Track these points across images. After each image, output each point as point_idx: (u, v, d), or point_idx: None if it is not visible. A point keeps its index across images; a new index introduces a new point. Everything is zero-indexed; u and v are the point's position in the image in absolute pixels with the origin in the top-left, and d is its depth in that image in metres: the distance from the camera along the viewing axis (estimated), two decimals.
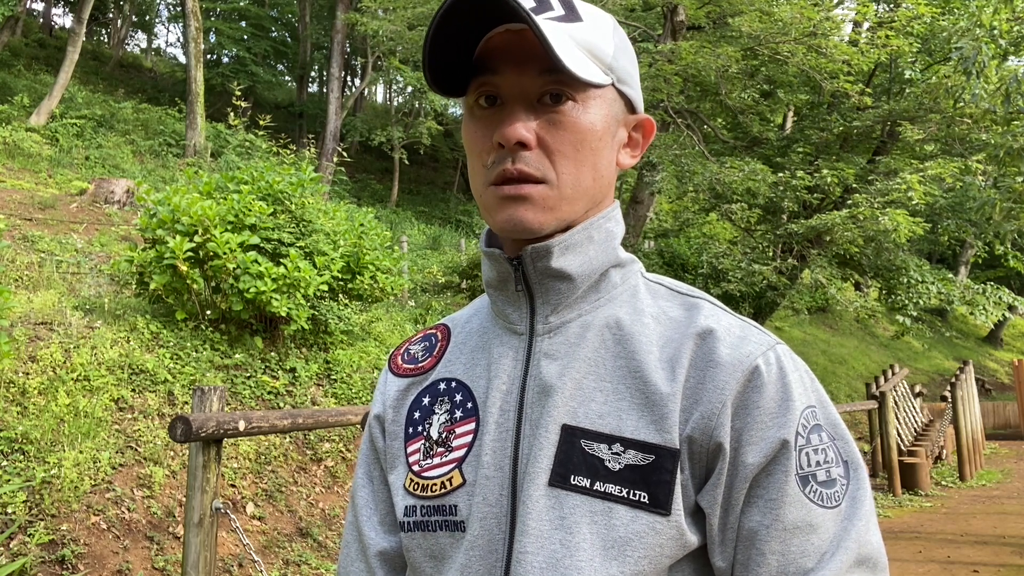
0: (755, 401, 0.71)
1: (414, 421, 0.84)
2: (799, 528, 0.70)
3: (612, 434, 0.72)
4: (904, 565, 5.87)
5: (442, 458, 0.79)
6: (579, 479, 0.71)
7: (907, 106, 11.84)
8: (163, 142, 16.21)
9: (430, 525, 0.78)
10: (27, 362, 4.94)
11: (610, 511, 0.70)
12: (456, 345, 0.86)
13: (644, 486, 0.70)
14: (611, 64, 0.76)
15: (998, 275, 20.93)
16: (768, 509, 0.70)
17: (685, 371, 0.73)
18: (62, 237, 9.16)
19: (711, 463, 0.72)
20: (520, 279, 0.78)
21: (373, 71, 23.08)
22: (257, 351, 6.27)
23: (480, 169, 0.76)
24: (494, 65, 0.74)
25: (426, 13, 13.61)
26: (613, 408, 0.73)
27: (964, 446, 10.96)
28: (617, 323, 0.77)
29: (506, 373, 0.79)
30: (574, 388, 0.75)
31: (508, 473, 0.75)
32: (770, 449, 0.71)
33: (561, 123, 0.73)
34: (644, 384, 0.73)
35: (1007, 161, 9.56)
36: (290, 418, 3.69)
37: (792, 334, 18.70)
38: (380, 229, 7.63)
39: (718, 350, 0.73)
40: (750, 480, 0.71)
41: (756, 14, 11.71)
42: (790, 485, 0.70)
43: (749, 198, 11.67)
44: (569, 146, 0.74)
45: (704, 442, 0.71)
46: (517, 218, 0.73)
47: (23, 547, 3.78)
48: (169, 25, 37.72)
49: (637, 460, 0.71)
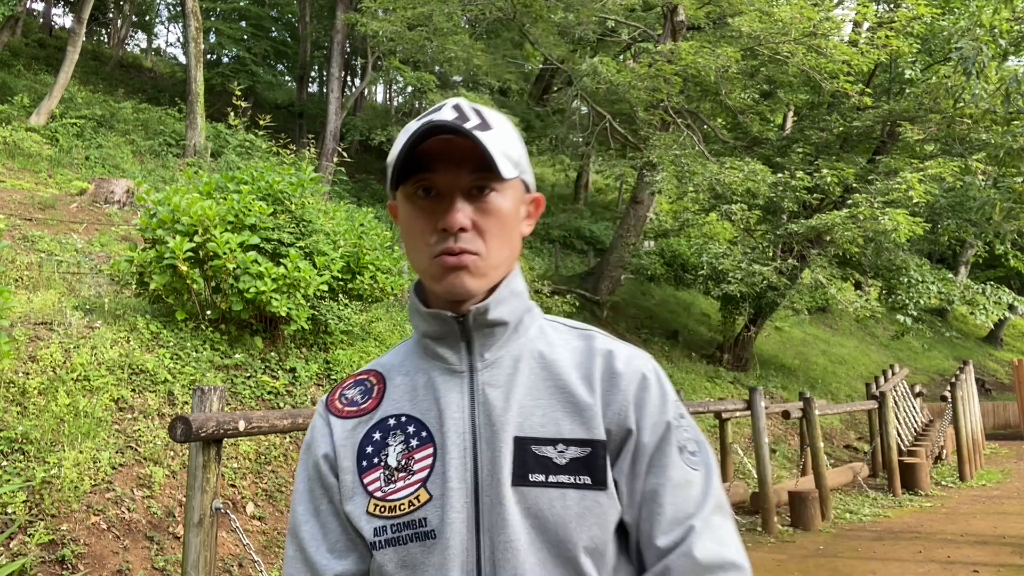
0: (646, 398, 0.97)
1: (367, 455, 0.98)
2: (681, 485, 0.94)
3: (555, 437, 0.94)
4: (904, 565, 5.87)
5: (405, 481, 0.94)
6: (536, 476, 0.92)
7: (907, 106, 11.84)
8: (163, 142, 16.20)
9: (401, 539, 0.92)
10: (27, 362, 4.94)
11: (564, 495, 0.91)
12: (395, 387, 1.02)
13: (586, 472, 0.92)
14: (516, 160, 0.97)
15: (998, 275, 20.93)
16: (661, 472, 0.94)
17: (599, 383, 0.97)
18: (62, 237, 9.16)
19: (622, 446, 0.95)
20: (461, 331, 0.98)
21: (373, 71, 23.06)
22: (257, 351, 6.27)
23: (423, 247, 0.95)
24: (432, 165, 0.94)
25: (426, 13, 13.62)
26: (551, 418, 0.95)
27: (964, 446, 10.96)
28: (540, 354, 1.00)
29: (455, 404, 0.96)
30: (517, 407, 0.95)
31: (471, 484, 0.92)
32: (660, 430, 0.96)
33: (488, 210, 0.95)
34: (571, 396, 0.96)
35: (1007, 161, 9.57)
36: (290, 418, 3.69)
37: (792, 334, 18.69)
38: (380, 229, 7.62)
39: (617, 366, 0.98)
40: (648, 455, 0.95)
41: (756, 14, 11.71)
42: (673, 454, 0.96)
43: (749, 198, 11.67)
44: (495, 226, 0.95)
45: (618, 431, 0.95)
46: (459, 284, 0.93)
47: (23, 547, 3.78)
48: (169, 25, 37.73)
49: (577, 453, 0.93)
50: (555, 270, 17.74)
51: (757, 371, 14.23)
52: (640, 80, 12.18)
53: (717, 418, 8.89)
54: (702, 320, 17.16)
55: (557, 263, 18.56)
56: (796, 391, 12.57)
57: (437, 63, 16.41)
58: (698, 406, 7.83)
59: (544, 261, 18.08)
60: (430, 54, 14.75)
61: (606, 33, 16.08)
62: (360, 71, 26.37)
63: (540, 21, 13.83)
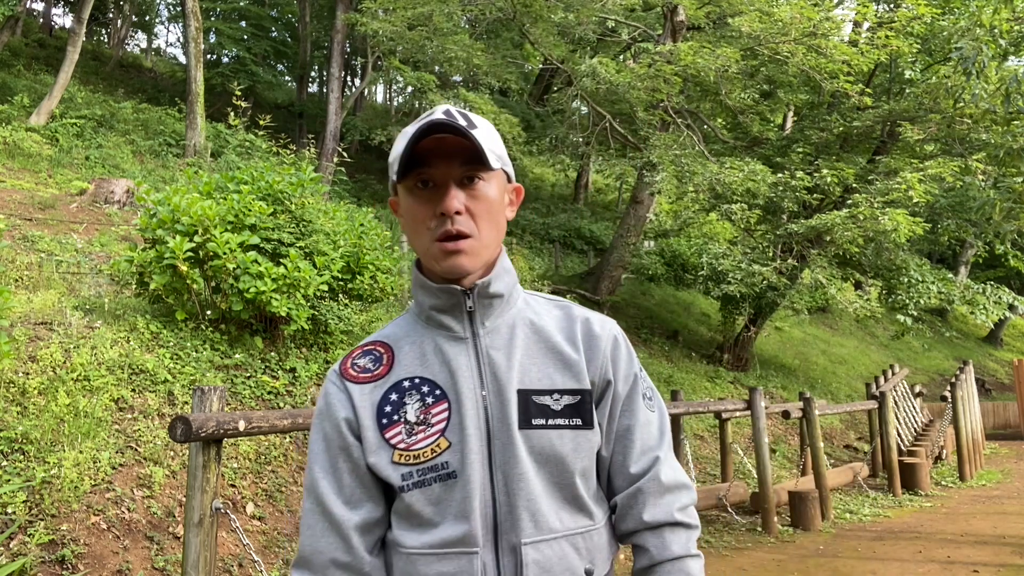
0: (619, 355, 1.21)
1: (386, 414, 1.14)
2: (645, 424, 1.20)
3: (551, 388, 1.14)
4: (904, 565, 5.87)
5: (425, 433, 1.11)
6: (537, 420, 1.12)
7: (907, 106, 11.83)
8: (163, 142, 16.20)
9: (426, 481, 1.10)
10: (27, 362, 4.94)
11: (561, 435, 1.12)
12: (403, 354, 1.18)
13: (577, 415, 1.14)
14: (500, 154, 1.15)
15: (998, 275, 20.94)
16: (631, 415, 1.20)
17: (581, 343, 1.19)
18: (62, 237, 9.16)
19: (602, 394, 1.19)
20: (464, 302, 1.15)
21: (373, 71, 23.06)
22: (257, 351, 6.27)
23: (424, 231, 1.12)
24: (428, 160, 1.10)
25: (426, 13, 13.61)
26: (545, 373, 1.16)
27: (964, 446, 10.96)
28: (530, 322, 1.20)
29: (464, 365, 1.14)
30: (518, 365, 1.15)
31: (483, 430, 1.11)
32: (630, 381, 1.21)
33: (478, 196, 1.12)
34: (561, 355, 1.17)
35: (1007, 161, 9.56)
36: (290, 418, 3.69)
37: (792, 334, 18.69)
38: (380, 229, 7.62)
39: (595, 329, 1.21)
40: (621, 400, 1.20)
41: (756, 14, 11.71)
42: (639, 400, 1.21)
43: (749, 198, 11.66)
44: (484, 210, 1.12)
45: (600, 382, 1.19)
46: (458, 264, 1.11)
47: (23, 547, 3.78)
48: (169, 25, 37.71)
49: (570, 400, 1.14)
50: (555, 270, 17.73)
51: (757, 371, 14.23)
52: (640, 80, 12.18)
53: (717, 418, 8.88)
54: (702, 320, 17.16)
55: (557, 263, 18.56)
56: (796, 391, 12.57)
57: (437, 63, 16.40)
58: (698, 406, 7.83)
59: (544, 261, 18.08)
60: (430, 54, 14.75)
61: (606, 33, 16.08)
62: (360, 71, 26.37)
63: (540, 21, 13.83)
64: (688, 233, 16.47)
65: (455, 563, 1.07)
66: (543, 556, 1.07)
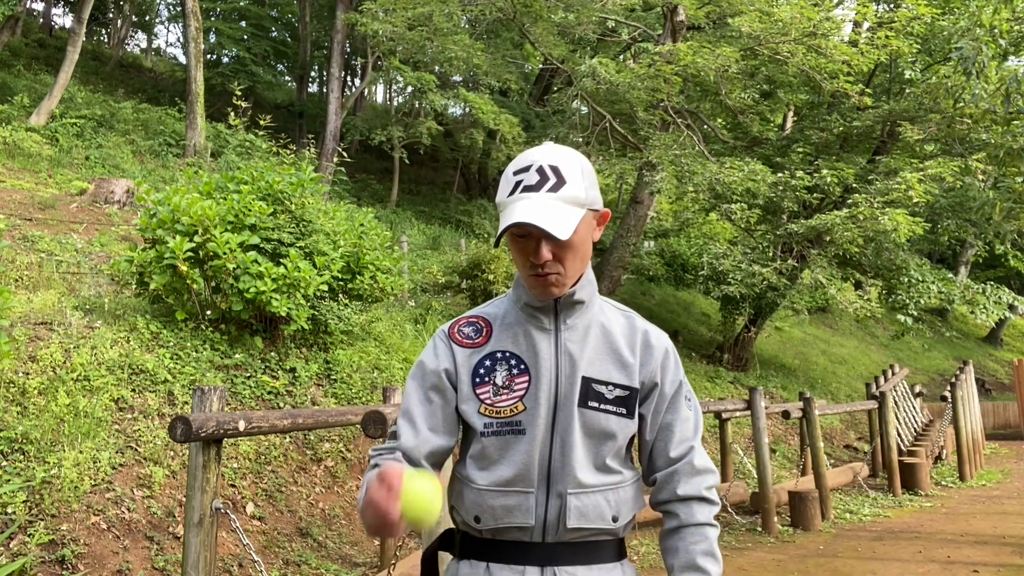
0: (667, 364, 1.48)
1: (479, 375, 1.43)
2: (685, 419, 1.47)
3: (608, 380, 1.42)
4: (904, 565, 5.87)
5: (508, 395, 1.40)
6: (592, 403, 1.40)
7: (907, 106, 11.83)
8: (163, 142, 16.20)
9: (502, 432, 1.39)
10: (27, 362, 4.94)
11: (608, 418, 1.41)
12: (499, 331, 1.47)
13: (624, 406, 1.42)
14: (584, 200, 1.35)
15: (998, 275, 20.92)
16: (674, 412, 1.47)
17: (639, 350, 1.47)
18: (62, 237, 9.16)
19: (649, 393, 1.47)
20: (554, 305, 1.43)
21: (373, 71, 23.06)
22: (257, 351, 6.27)
23: (523, 268, 1.39)
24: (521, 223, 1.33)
25: (426, 13, 13.61)
26: (606, 368, 1.43)
27: (964, 446, 10.96)
28: (602, 325, 1.47)
29: (546, 350, 1.42)
30: (587, 358, 1.42)
31: (551, 402, 1.39)
32: (675, 385, 1.48)
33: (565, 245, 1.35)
34: (620, 357, 1.45)
35: (1007, 161, 9.55)
36: (290, 418, 3.69)
37: (792, 334, 18.69)
38: (380, 229, 7.62)
39: (651, 340, 1.48)
40: (667, 400, 1.47)
41: (756, 14, 11.70)
42: (682, 401, 1.48)
43: (749, 198, 11.66)
44: (570, 254, 1.37)
45: (649, 383, 1.46)
46: (548, 293, 1.39)
47: (23, 547, 3.78)
48: (169, 25, 37.66)
49: (620, 393, 1.42)
50: None
51: (757, 371, 14.23)
52: (640, 80, 12.18)
53: (717, 418, 8.88)
54: (702, 320, 17.16)
55: None
56: (796, 391, 12.57)
57: (437, 63, 16.40)
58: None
59: None
60: (430, 54, 14.75)
61: (606, 33, 16.08)
62: (360, 71, 26.36)
63: (540, 21, 13.82)
64: (688, 233, 16.48)
65: (515, 499, 1.38)
66: (581, 503, 1.38)
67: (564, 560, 1.38)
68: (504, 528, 1.38)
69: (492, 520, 1.38)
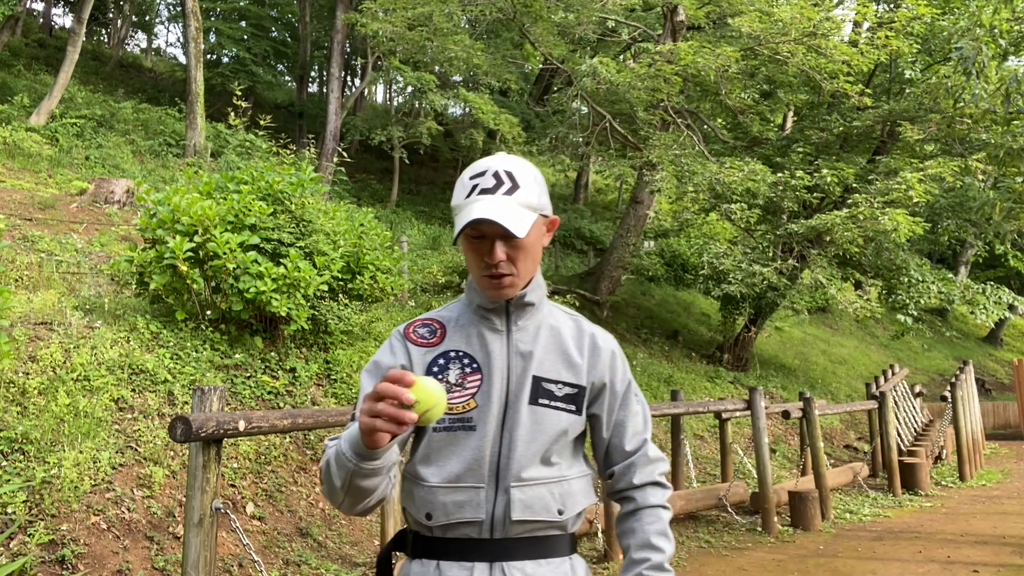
0: (615, 365, 1.55)
1: (433, 372, 1.46)
2: (635, 415, 1.56)
3: (557, 379, 1.48)
4: (904, 565, 5.87)
5: (460, 393, 1.44)
6: (543, 400, 1.46)
7: (907, 106, 11.82)
8: (163, 142, 16.20)
9: (453, 428, 1.42)
10: (27, 362, 4.94)
11: (558, 415, 1.46)
12: (453, 332, 1.51)
13: (572, 403, 1.48)
14: (536, 204, 1.43)
15: (998, 275, 20.93)
16: (626, 408, 1.55)
17: (586, 352, 1.53)
18: (62, 237, 9.16)
19: (600, 393, 1.53)
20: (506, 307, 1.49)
21: (373, 71, 23.05)
22: (257, 351, 6.27)
23: (476, 268, 1.45)
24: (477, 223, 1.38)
25: (426, 13, 13.60)
26: (555, 368, 1.49)
27: (964, 446, 10.96)
28: (551, 327, 1.53)
29: (498, 350, 1.47)
30: (537, 358, 1.48)
31: (502, 400, 1.44)
32: (624, 384, 1.56)
33: (518, 246, 1.42)
34: (569, 357, 1.51)
35: (1007, 161, 9.55)
36: (290, 418, 3.69)
37: (792, 334, 18.69)
38: (380, 229, 7.62)
39: (597, 342, 1.55)
40: (619, 398, 1.55)
41: (756, 14, 11.70)
42: (632, 398, 1.57)
43: (749, 198, 11.65)
44: (522, 256, 1.43)
45: (598, 384, 1.52)
46: (501, 295, 1.45)
47: (23, 547, 3.78)
48: (169, 25, 37.68)
49: (569, 391, 1.48)
50: (555, 270, 17.73)
51: (757, 371, 14.23)
52: (640, 80, 12.17)
53: (717, 418, 8.88)
54: (702, 320, 17.16)
55: (557, 263, 18.56)
56: (796, 391, 12.57)
57: (437, 63, 16.40)
58: (698, 406, 7.83)
59: (544, 261, 18.03)
60: (430, 54, 14.74)
61: (606, 33, 16.08)
62: (360, 71, 26.35)
63: (540, 21, 13.82)
64: (688, 233, 16.45)
65: (466, 494, 1.41)
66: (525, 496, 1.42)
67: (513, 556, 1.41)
68: (455, 524, 1.41)
69: (443, 516, 1.40)
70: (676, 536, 6.92)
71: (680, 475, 7.92)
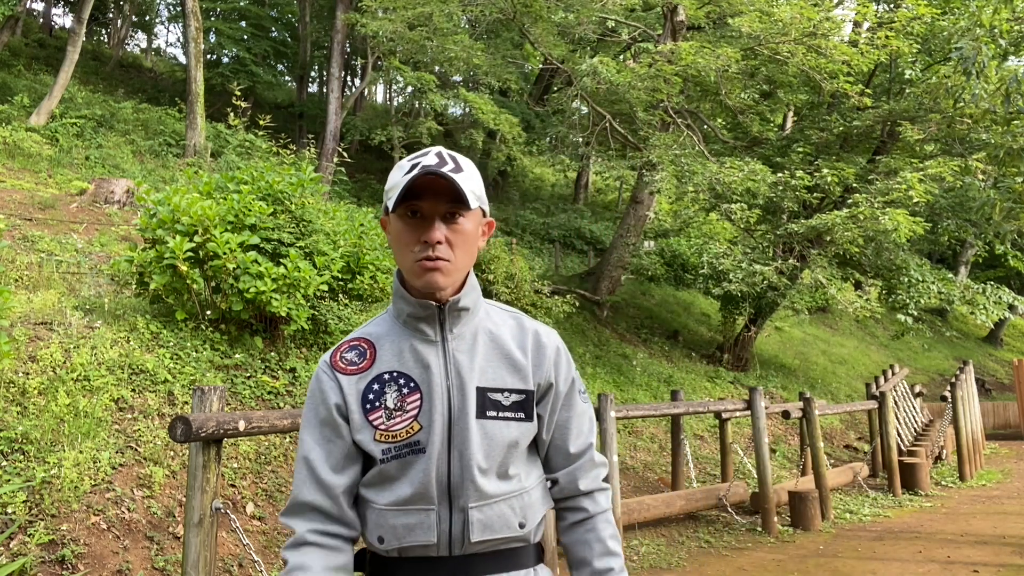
0: (559, 362, 1.47)
1: (369, 400, 1.38)
2: (581, 415, 1.50)
3: (502, 387, 1.40)
4: (904, 565, 5.87)
5: (401, 417, 1.36)
6: (490, 412, 1.38)
7: (907, 106, 11.82)
8: (163, 142, 16.20)
9: (402, 454, 1.35)
10: (27, 362, 4.94)
11: (508, 425, 1.39)
12: (384, 351, 1.42)
13: (521, 410, 1.41)
14: (479, 195, 1.39)
15: (998, 275, 20.92)
16: (570, 408, 1.49)
17: (530, 352, 1.45)
18: (62, 237, 9.15)
19: (545, 393, 1.45)
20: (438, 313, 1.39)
21: (373, 71, 23.04)
22: (257, 351, 6.27)
23: (409, 253, 1.35)
24: (420, 195, 1.33)
25: (426, 13, 13.61)
26: (499, 375, 1.41)
27: (964, 446, 10.96)
28: (489, 331, 1.45)
29: (435, 363, 1.38)
30: (478, 367, 1.40)
31: (446, 417, 1.36)
32: (569, 381, 1.49)
33: (457, 230, 1.35)
34: (512, 361, 1.43)
35: (1007, 161, 9.56)
36: (290, 418, 3.69)
37: (792, 334, 18.69)
38: (380, 229, 7.61)
39: (541, 339, 1.47)
40: (562, 397, 1.47)
41: (756, 14, 11.69)
42: (576, 396, 1.50)
43: (749, 198, 11.65)
44: (461, 242, 1.36)
45: (544, 384, 1.45)
46: (434, 281, 1.34)
47: (23, 547, 3.78)
48: (169, 25, 37.67)
49: (517, 399, 1.41)
50: (555, 270, 17.73)
51: (757, 371, 14.22)
52: (640, 80, 12.17)
53: (717, 418, 8.88)
54: (702, 320, 17.16)
55: (557, 263, 18.56)
56: (796, 391, 12.57)
57: (437, 63, 16.40)
58: (698, 406, 7.83)
59: (544, 261, 18.08)
60: (430, 54, 14.74)
61: (606, 33, 16.07)
62: (360, 71, 26.34)
63: (540, 21, 13.81)
64: (688, 233, 16.46)
65: (416, 516, 1.35)
66: (484, 515, 1.36)
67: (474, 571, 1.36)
68: (408, 546, 1.35)
69: (395, 539, 1.36)
70: (676, 536, 6.93)
71: (680, 475, 7.92)
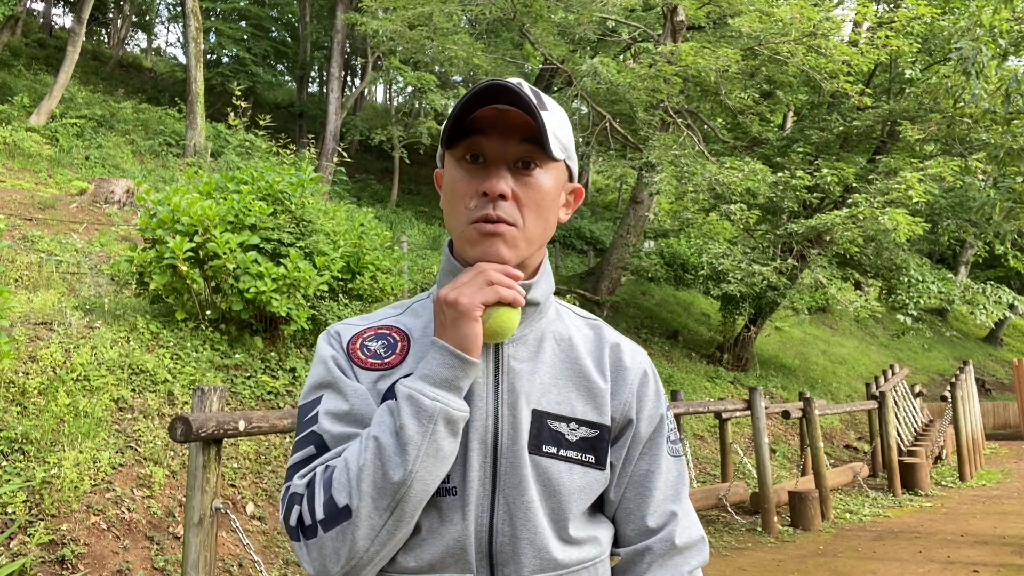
0: (646, 392, 1.08)
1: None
2: (667, 471, 1.08)
3: (569, 416, 1.02)
4: (904, 565, 5.87)
5: None
6: (548, 448, 0.99)
7: (907, 106, 11.83)
8: (163, 142, 16.20)
9: None
10: (27, 362, 4.94)
11: (572, 469, 1.00)
12: (418, 347, 1.04)
13: (591, 452, 1.02)
14: (565, 144, 1.01)
15: (998, 275, 20.91)
16: (653, 460, 1.07)
17: (609, 373, 1.06)
18: (62, 237, 9.15)
19: (621, 432, 1.06)
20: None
21: (373, 71, 23.05)
22: (257, 351, 6.27)
23: (462, 210, 0.99)
24: (485, 131, 0.97)
25: (426, 13, 13.61)
26: (566, 398, 1.03)
27: (964, 446, 10.96)
28: (560, 337, 1.07)
29: (481, 373, 1.00)
30: (539, 383, 1.02)
31: (490, 445, 0.98)
32: (654, 423, 1.08)
33: (530, 184, 0.98)
34: (587, 381, 1.05)
35: (1007, 161, 9.56)
36: (290, 418, 3.69)
37: (792, 334, 18.69)
38: (380, 229, 7.62)
39: (624, 359, 1.08)
40: (642, 442, 1.07)
41: (756, 14, 11.70)
42: (663, 444, 1.09)
43: (749, 198, 11.66)
44: (534, 201, 0.98)
45: (621, 419, 1.06)
46: (493, 251, 0.97)
47: (23, 547, 3.78)
48: (169, 25, 37.71)
49: (587, 434, 1.02)
50: (555, 270, 17.74)
51: (757, 371, 14.23)
52: (640, 80, 12.17)
53: (717, 418, 8.88)
54: (702, 320, 17.16)
55: (557, 263, 18.56)
56: (796, 391, 12.57)
57: (437, 63, 16.39)
58: (698, 406, 7.83)
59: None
60: (430, 54, 14.74)
61: (606, 33, 16.08)
62: (360, 71, 26.35)
63: (540, 21, 13.82)
64: (688, 233, 16.47)
65: None
66: None
67: None
68: None
69: None
70: None
71: None
